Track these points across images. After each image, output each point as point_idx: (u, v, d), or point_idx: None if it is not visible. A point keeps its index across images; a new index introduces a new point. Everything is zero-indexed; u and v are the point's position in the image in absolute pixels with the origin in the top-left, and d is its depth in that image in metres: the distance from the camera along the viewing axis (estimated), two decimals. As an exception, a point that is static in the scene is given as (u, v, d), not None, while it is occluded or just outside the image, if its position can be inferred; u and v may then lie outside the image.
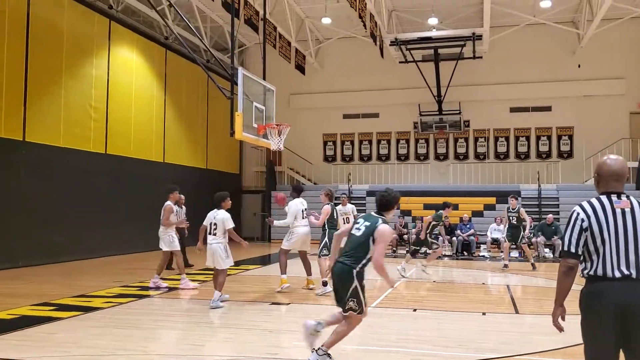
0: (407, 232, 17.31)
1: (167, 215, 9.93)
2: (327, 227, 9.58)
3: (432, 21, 20.09)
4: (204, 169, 21.37)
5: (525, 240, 13.78)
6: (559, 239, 15.99)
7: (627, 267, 3.01)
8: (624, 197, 3.14)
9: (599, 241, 3.08)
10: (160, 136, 18.49)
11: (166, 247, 10.00)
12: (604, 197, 3.17)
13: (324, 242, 9.52)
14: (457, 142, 23.23)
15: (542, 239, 16.56)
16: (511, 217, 13.43)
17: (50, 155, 13.68)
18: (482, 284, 11.49)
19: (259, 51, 13.49)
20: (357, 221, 5.05)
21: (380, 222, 4.85)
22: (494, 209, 19.68)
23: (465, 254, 16.99)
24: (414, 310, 8.03)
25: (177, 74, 19.41)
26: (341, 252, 5.03)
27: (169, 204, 10.03)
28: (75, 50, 14.65)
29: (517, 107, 22.57)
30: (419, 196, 20.28)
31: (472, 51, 20.31)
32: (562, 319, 3.26)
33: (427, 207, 19.37)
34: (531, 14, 20.13)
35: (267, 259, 15.74)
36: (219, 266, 8.18)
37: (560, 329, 3.27)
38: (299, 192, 9.81)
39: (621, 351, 3.06)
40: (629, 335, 2.96)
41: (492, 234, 17.00)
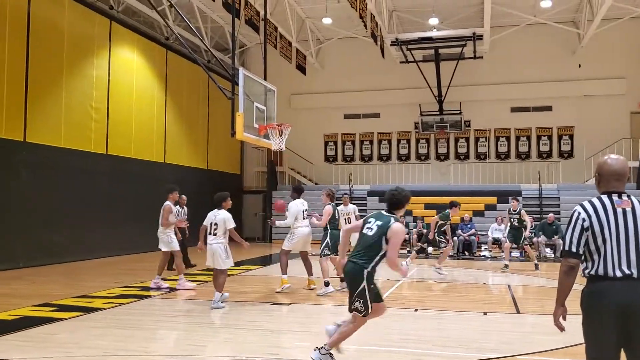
0: (408, 232, 17.30)
1: (166, 215, 9.93)
2: (328, 227, 9.59)
3: (433, 21, 20.08)
4: (205, 169, 21.38)
5: (527, 241, 13.78)
6: (560, 239, 16.00)
7: (628, 267, 3.01)
8: (624, 197, 3.14)
9: (600, 241, 3.08)
10: (161, 136, 18.49)
11: (165, 247, 10.00)
12: (605, 197, 3.17)
13: (326, 243, 9.52)
14: (458, 142, 23.23)
15: (543, 239, 16.56)
16: (512, 219, 13.41)
17: (51, 155, 13.69)
18: (483, 283, 11.49)
19: (260, 51, 13.51)
20: (367, 220, 5.05)
21: (392, 221, 4.88)
22: (494, 209, 19.68)
23: (466, 253, 16.99)
24: (415, 310, 8.03)
25: (177, 74, 19.42)
26: (352, 252, 5.04)
27: (168, 204, 10.03)
28: (76, 50, 14.65)
29: (518, 107, 22.56)
30: (420, 196, 20.20)
31: (473, 51, 20.32)
32: (564, 318, 3.26)
33: (428, 207, 19.39)
34: (531, 13, 20.13)
35: (268, 259, 15.74)
36: (219, 266, 8.16)
37: (561, 328, 3.27)
38: (299, 192, 9.76)
39: (622, 351, 3.06)
40: (630, 335, 2.96)
41: (493, 233, 17.01)
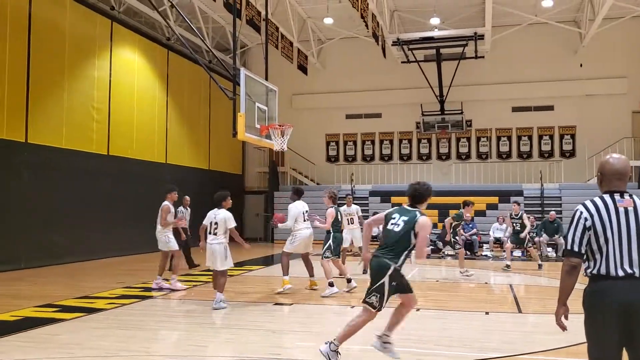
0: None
1: (164, 215, 9.91)
2: (331, 230, 9.55)
3: (434, 21, 20.07)
4: (207, 169, 21.38)
5: (530, 244, 13.77)
6: (561, 238, 15.98)
7: (631, 266, 3.01)
8: (627, 196, 3.13)
9: (602, 240, 3.08)
10: (162, 137, 18.50)
11: (163, 247, 9.99)
12: (607, 196, 3.16)
13: (328, 245, 9.47)
14: (460, 141, 23.22)
15: (545, 238, 16.54)
16: (515, 224, 13.39)
17: (52, 156, 13.70)
18: (485, 283, 11.47)
19: (261, 52, 13.52)
20: (392, 216, 5.07)
21: (418, 214, 4.97)
22: (496, 209, 19.67)
23: (468, 253, 16.92)
24: (417, 309, 7.98)
25: (179, 74, 19.43)
26: (379, 247, 5.05)
27: (166, 204, 10.00)
28: (77, 51, 14.67)
29: (519, 106, 22.55)
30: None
31: (474, 51, 20.31)
32: (566, 318, 3.25)
33: (429, 207, 18.92)
34: (533, 13, 20.10)
35: (270, 260, 15.73)
36: (217, 267, 8.12)
37: (563, 328, 3.26)
38: (299, 194, 9.65)
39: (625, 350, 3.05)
40: (632, 334, 2.95)
41: (494, 233, 16.98)
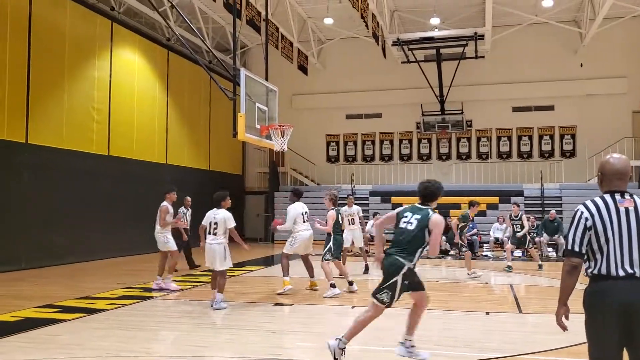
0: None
1: (163, 215, 9.91)
2: (332, 232, 9.50)
3: (434, 21, 20.07)
4: (207, 170, 21.38)
5: (531, 245, 13.77)
6: (562, 238, 15.97)
7: (631, 266, 3.01)
8: (627, 196, 3.13)
9: (602, 240, 3.07)
10: (162, 137, 18.50)
11: (162, 247, 9.98)
12: (607, 196, 3.16)
13: (329, 247, 9.43)
14: (460, 142, 23.22)
15: (545, 238, 16.53)
16: (515, 225, 13.39)
17: (52, 157, 13.70)
18: (486, 283, 11.46)
19: (261, 52, 13.52)
20: (403, 215, 5.10)
21: (431, 212, 5.03)
22: (496, 209, 19.65)
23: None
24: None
25: (179, 75, 19.43)
26: (391, 246, 5.07)
27: (165, 205, 10.00)
28: (77, 52, 14.67)
29: (520, 106, 22.54)
30: (422, 196, 20.21)
31: (474, 51, 20.31)
32: (566, 318, 3.25)
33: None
34: (533, 13, 20.10)
35: (270, 260, 15.73)
36: (217, 267, 8.11)
37: (564, 328, 3.26)
38: (298, 195, 9.59)
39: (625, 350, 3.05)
40: (632, 334, 2.95)
41: (494, 233, 16.97)
